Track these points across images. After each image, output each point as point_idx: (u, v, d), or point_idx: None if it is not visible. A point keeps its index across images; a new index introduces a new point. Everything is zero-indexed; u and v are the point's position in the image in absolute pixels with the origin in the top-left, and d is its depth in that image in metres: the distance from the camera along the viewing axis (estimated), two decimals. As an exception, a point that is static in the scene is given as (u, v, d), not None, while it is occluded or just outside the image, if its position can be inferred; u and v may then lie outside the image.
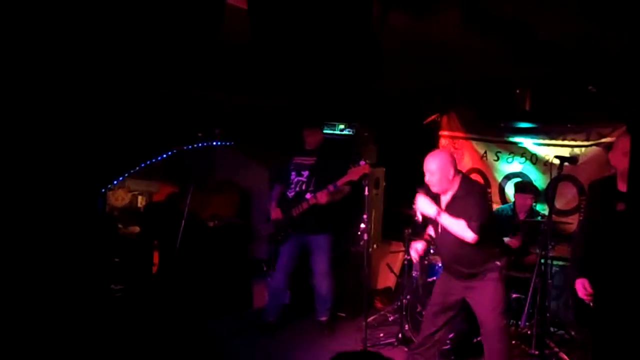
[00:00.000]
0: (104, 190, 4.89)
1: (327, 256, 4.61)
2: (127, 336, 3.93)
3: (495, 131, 5.40)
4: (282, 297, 4.81)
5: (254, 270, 5.57)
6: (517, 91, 5.00)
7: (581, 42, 3.23)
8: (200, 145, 4.81)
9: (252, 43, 2.00)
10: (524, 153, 5.23)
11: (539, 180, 5.12)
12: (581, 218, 4.41)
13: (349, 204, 4.62)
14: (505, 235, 4.49)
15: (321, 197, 4.35)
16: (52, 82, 3.40)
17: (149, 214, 5.55)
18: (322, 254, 4.60)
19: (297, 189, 4.59)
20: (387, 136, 5.59)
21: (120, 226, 5.26)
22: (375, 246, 5.52)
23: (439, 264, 4.22)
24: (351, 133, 5.45)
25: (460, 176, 3.32)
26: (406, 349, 4.16)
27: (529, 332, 4.25)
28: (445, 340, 3.72)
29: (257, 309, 5.19)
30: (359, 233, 4.58)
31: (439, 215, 3.22)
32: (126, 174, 4.86)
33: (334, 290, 4.67)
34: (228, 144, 5.35)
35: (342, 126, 5.46)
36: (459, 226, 3.15)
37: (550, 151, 5.04)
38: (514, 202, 4.82)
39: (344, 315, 5.03)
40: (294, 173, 4.65)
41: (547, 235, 3.58)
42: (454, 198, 3.28)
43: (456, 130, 5.60)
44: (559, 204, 4.85)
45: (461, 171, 3.42)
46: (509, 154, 5.33)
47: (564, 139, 5.00)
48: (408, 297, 4.43)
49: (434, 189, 3.31)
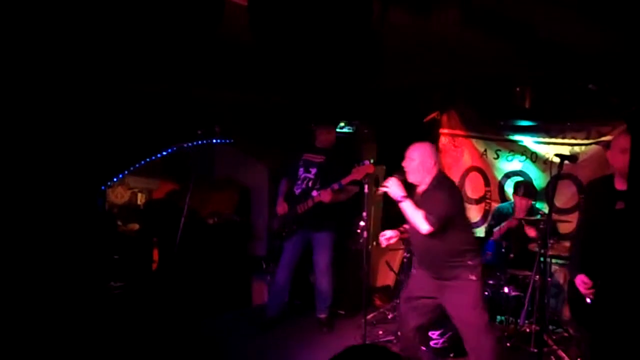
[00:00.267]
0: (103, 187, 4.89)
1: (328, 254, 4.62)
2: (126, 333, 3.95)
3: (495, 129, 5.39)
4: (283, 293, 4.82)
5: (253, 267, 5.58)
6: (517, 89, 4.98)
7: (582, 40, 3.22)
8: (200, 142, 4.81)
9: (251, 40, 1.99)
10: (524, 151, 5.22)
11: (539, 178, 5.11)
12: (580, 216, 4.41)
13: (350, 203, 4.62)
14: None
15: (324, 195, 4.35)
16: (52, 80, 3.40)
17: (149, 212, 5.56)
18: (324, 251, 4.60)
19: (304, 185, 4.59)
20: (387, 134, 5.59)
21: (119, 223, 5.28)
22: (374, 244, 5.52)
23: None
24: (351, 131, 5.45)
25: (436, 172, 3.36)
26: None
27: (527, 330, 4.26)
28: (425, 325, 3.65)
29: (256, 306, 5.20)
30: (359, 231, 4.58)
31: (403, 200, 3.27)
32: (126, 172, 4.86)
33: (333, 288, 4.68)
34: (228, 141, 5.35)
35: (342, 124, 5.46)
36: (416, 215, 3.21)
37: (550, 149, 5.04)
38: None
39: (343, 312, 5.05)
40: (302, 169, 4.64)
41: (546, 233, 3.59)
42: (425, 192, 3.34)
43: (456, 128, 5.59)
44: (558, 202, 4.85)
45: (441, 170, 3.47)
46: (509, 152, 5.32)
47: (563, 138, 5.00)
48: (407, 295, 4.44)
49: (410, 177, 3.36)
